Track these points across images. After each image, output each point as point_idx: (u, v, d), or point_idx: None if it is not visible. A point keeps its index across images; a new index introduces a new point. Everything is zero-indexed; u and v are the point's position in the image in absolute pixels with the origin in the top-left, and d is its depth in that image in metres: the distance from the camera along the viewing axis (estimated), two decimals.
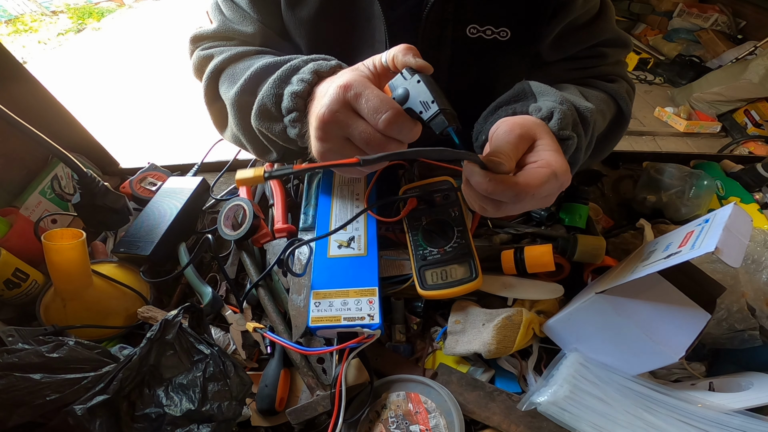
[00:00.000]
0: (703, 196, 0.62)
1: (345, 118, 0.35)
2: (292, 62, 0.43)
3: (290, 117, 0.41)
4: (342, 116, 0.34)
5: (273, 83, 0.42)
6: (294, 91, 0.40)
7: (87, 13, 4.24)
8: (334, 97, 0.34)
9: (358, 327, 0.42)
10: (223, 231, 0.54)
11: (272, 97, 0.42)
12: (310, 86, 0.40)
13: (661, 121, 2.50)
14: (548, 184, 0.35)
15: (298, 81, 0.40)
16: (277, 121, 0.43)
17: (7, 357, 0.34)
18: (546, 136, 0.38)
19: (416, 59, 0.36)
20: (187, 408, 0.35)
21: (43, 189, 0.63)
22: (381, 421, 0.41)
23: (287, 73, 0.42)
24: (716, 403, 0.38)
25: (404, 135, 0.34)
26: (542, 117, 0.42)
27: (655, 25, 3.03)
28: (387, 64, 0.38)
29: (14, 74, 0.59)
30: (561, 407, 0.39)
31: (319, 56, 0.44)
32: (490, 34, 0.55)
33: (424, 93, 0.34)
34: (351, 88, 0.34)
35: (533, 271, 0.49)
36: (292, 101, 0.40)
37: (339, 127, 0.35)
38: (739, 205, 0.38)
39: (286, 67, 0.43)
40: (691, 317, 0.37)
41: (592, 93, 0.53)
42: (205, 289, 0.50)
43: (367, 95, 0.33)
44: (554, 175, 0.35)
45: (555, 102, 0.44)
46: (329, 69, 0.41)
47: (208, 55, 0.53)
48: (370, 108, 0.33)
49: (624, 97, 0.55)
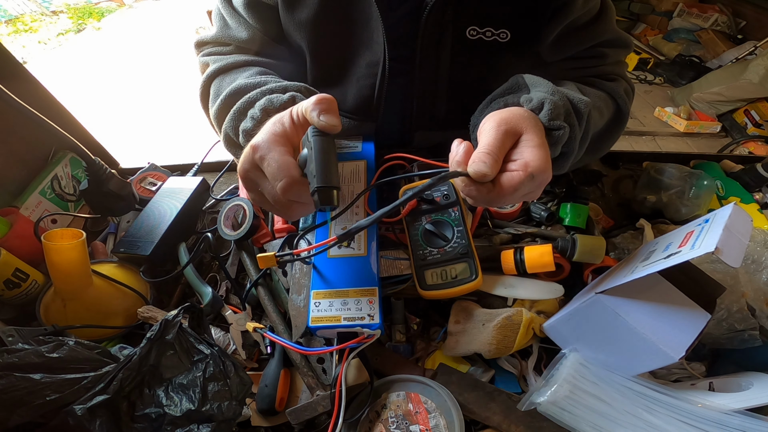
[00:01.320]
0: (703, 196, 0.62)
1: (255, 177, 0.37)
2: (251, 94, 0.46)
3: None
4: (252, 175, 0.37)
5: (233, 115, 0.46)
6: (245, 129, 0.44)
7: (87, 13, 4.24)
8: (245, 157, 0.37)
9: (358, 327, 0.42)
10: (223, 231, 0.54)
11: (231, 128, 0.47)
12: (259, 123, 0.43)
13: (661, 121, 2.50)
14: (524, 186, 0.36)
15: (250, 117, 0.44)
16: (239, 149, 0.46)
17: (7, 357, 0.34)
18: (531, 131, 0.38)
19: (320, 118, 0.35)
20: (187, 408, 0.35)
21: (43, 189, 0.63)
22: (381, 421, 0.41)
23: (244, 106, 0.46)
24: (716, 403, 0.38)
25: (304, 199, 0.35)
26: (532, 108, 0.42)
27: (655, 25, 3.03)
28: (306, 115, 0.37)
29: (14, 74, 0.59)
30: (561, 407, 0.39)
31: (280, 86, 0.46)
32: (489, 35, 0.55)
33: (312, 163, 0.33)
34: (258, 149, 0.35)
35: (533, 271, 0.49)
36: (243, 137, 0.44)
37: (252, 183, 0.38)
38: (739, 205, 0.38)
39: (244, 100, 0.46)
40: (691, 317, 0.37)
41: (590, 90, 0.53)
42: (205, 289, 0.50)
43: (268, 159, 0.35)
44: (530, 176, 0.36)
45: (546, 93, 0.44)
46: (280, 105, 0.43)
47: (205, 62, 0.57)
48: (270, 173, 0.35)
49: (622, 95, 0.55)
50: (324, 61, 0.61)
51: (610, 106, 0.55)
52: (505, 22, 0.54)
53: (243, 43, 0.56)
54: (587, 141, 0.49)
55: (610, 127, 0.56)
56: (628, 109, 0.56)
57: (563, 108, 0.43)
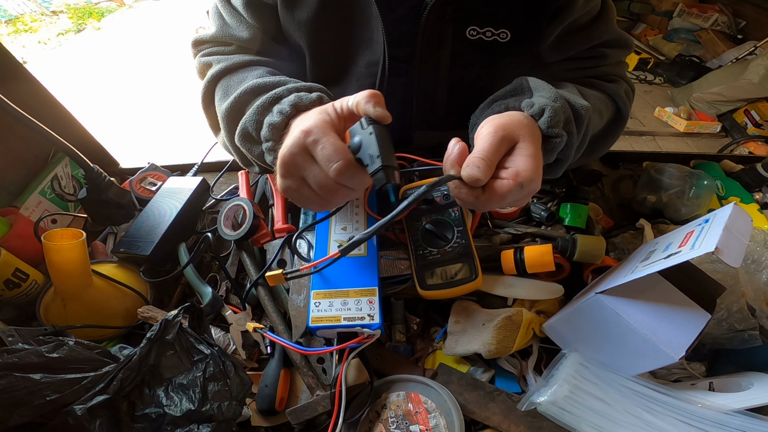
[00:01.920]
0: (703, 196, 0.62)
1: (302, 161, 0.37)
2: (277, 90, 0.44)
3: (267, 145, 0.43)
4: (300, 159, 0.37)
5: (255, 110, 0.44)
6: (271, 122, 0.42)
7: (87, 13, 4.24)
8: (295, 141, 0.36)
9: (358, 327, 0.42)
10: (223, 231, 0.54)
11: (253, 123, 0.44)
12: (287, 119, 0.42)
13: (661, 121, 2.50)
14: (512, 194, 0.37)
15: (277, 112, 0.42)
16: (256, 145, 0.46)
17: (7, 357, 0.34)
18: (527, 139, 0.39)
19: (375, 108, 0.37)
20: (187, 408, 0.35)
21: (43, 189, 0.63)
22: (381, 421, 0.41)
23: (269, 102, 0.44)
24: (716, 403, 0.38)
25: (355, 184, 0.36)
26: (533, 114, 0.43)
27: (655, 25, 3.03)
28: (353, 108, 0.39)
29: (14, 74, 0.59)
30: (561, 407, 0.39)
31: (305, 86, 0.46)
32: (490, 35, 0.55)
33: (373, 146, 0.35)
34: (311, 133, 0.36)
35: (533, 271, 0.49)
36: (269, 131, 0.42)
37: (297, 168, 0.37)
38: (739, 205, 0.38)
39: (270, 95, 0.44)
40: (691, 317, 0.37)
41: (591, 92, 0.53)
42: (205, 289, 0.50)
43: (323, 142, 0.35)
44: (519, 186, 0.37)
45: (549, 99, 0.44)
46: (309, 102, 0.43)
47: (207, 63, 0.55)
48: (324, 156, 0.35)
49: (622, 97, 0.55)
50: (323, 60, 0.61)
51: (610, 107, 0.55)
52: (506, 22, 0.54)
53: (244, 42, 0.56)
54: (584, 146, 0.49)
55: (610, 129, 0.56)
56: (628, 111, 0.56)
57: (563, 115, 0.43)
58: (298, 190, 0.39)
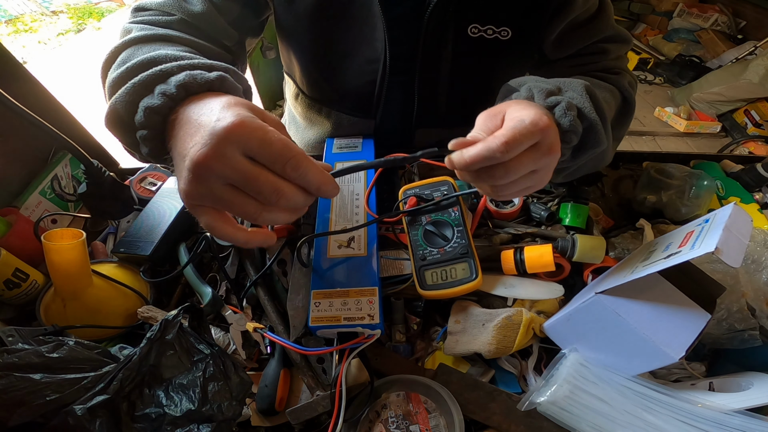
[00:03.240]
0: (703, 196, 0.62)
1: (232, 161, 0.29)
2: (163, 67, 0.35)
3: (141, 134, 0.34)
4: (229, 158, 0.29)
5: (131, 87, 0.35)
6: (150, 105, 0.33)
7: (87, 13, 4.24)
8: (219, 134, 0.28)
9: (358, 327, 0.42)
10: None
11: (125, 103, 0.35)
12: (171, 102, 0.33)
13: (661, 121, 2.50)
14: (519, 132, 0.33)
15: (159, 93, 0.33)
16: (128, 132, 0.36)
17: (7, 357, 0.34)
18: (515, 105, 0.37)
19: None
20: (187, 408, 0.35)
21: (43, 189, 0.63)
22: (381, 421, 0.41)
23: (152, 78, 0.35)
24: (716, 403, 0.38)
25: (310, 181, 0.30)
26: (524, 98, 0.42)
27: (655, 25, 3.03)
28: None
29: (14, 74, 0.59)
30: (561, 407, 0.39)
31: (203, 63, 0.37)
32: (491, 33, 0.55)
33: None
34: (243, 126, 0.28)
35: (533, 271, 0.49)
36: (144, 116, 0.33)
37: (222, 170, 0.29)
38: (739, 205, 0.38)
39: (154, 71, 0.35)
40: (691, 317, 0.37)
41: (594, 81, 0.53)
42: (205, 289, 0.50)
43: (269, 137, 0.29)
44: (521, 120, 0.33)
45: (531, 82, 0.43)
46: (203, 83, 0.34)
47: (127, 29, 0.47)
48: (275, 151, 0.29)
49: (626, 87, 0.55)
50: (322, 57, 0.61)
51: (617, 95, 0.54)
52: (507, 21, 0.54)
53: (192, 17, 0.49)
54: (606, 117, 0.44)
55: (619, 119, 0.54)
56: (634, 99, 0.55)
57: (554, 87, 0.42)
58: (222, 198, 0.29)
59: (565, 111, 0.39)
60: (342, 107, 0.66)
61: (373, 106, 0.63)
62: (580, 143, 0.42)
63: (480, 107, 0.59)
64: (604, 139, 0.43)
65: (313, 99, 0.69)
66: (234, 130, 0.28)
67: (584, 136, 0.42)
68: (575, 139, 0.40)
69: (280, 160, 0.29)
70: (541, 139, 0.35)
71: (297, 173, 0.29)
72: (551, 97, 0.40)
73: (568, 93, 0.42)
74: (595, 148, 0.44)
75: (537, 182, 0.38)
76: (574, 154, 0.44)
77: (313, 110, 0.70)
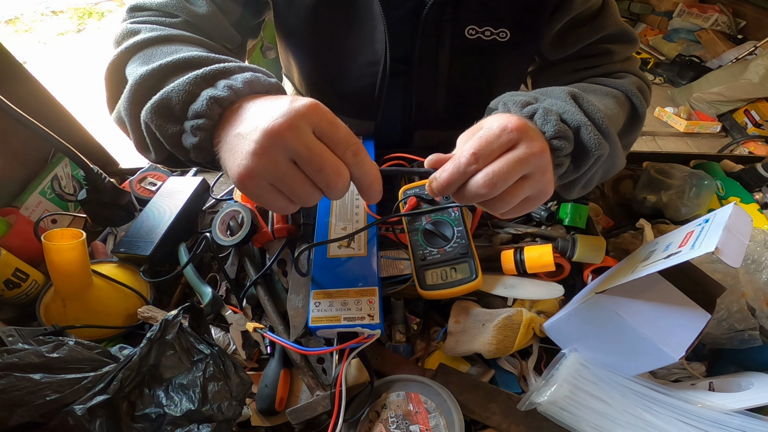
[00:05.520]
0: (703, 196, 0.62)
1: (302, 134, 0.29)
2: (227, 64, 0.36)
3: (195, 123, 0.33)
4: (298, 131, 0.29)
5: (192, 79, 0.34)
6: (214, 96, 0.33)
7: (87, 13, 4.24)
8: (294, 109, 0.29)
9: (358, 327, 0.42)
10: (218, 237, 0.54)
11: (183, 93, 0.34)
12: (236, 97, 0.33)
13: (661, 121, 2.50)
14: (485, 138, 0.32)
15: (225, 86, 0.34)
16: (174, 123, 0.35)
17: (7, 357, 0.34)
18: (490, 117, 0.37)
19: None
20: (187, 408, 0.35)
21: (43, 189, 0.63)
22: (381, 421, 0.41)
23: (215, 73, 0.35)
24: (716, 403, 0.38)
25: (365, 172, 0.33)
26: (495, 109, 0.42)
27: (655, 25, 3.03)
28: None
29: (14, 74, 0.59)
30: (561, 407, 0.39)
31: (260, 68, 0.37)
32: (489, 35, 0.55)
33: None
34: (318, 108, 0.30)
35: (533, 271, 0.49)
36: (206, 106, 0.33)
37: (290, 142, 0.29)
38: (739, 205, 0.38)
39: (216, 67, 0.35)
40: (691, 317, 0.37)
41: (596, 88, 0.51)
42: (205, 289, 0.50)
43: (337, 124, 0.31)
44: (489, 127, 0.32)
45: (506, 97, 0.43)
46: (268, 85, 0.35)
47: (133, 30, 0.45)
48: (342, 136, 0.31)
49: (634, 92, 0.51)
50: (323, 59, 0.61)
51: (625, 103, 0.50)
52: (504, 22, 0.54)
53: (196, 19, 0.48)
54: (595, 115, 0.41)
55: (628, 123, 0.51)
56: (642, 105, 0.51)
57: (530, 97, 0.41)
58: (284, 174, 0.30)
59: (545, 117, 0.37)
60: (342, 109, 0.66)
61: (373, 108, 0.63)
62: (577, 150, 0.40)
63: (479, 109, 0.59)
64: (603, 141, 0.40)
65: None
66: (311, 109, 0.29)
67: (578, 141, 0.39)
68: (567, 145, 0.38)
69: (344, 143, 0.30)
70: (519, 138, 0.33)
71: (356, 160, 0.31)
72: (527, 107, 0.39)
73: (546, 101, 0.40)
74: (597, 152, 0.39)
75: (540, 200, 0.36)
76: (576, 162, 0.41)
77: None
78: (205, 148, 0.34)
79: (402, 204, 0.54)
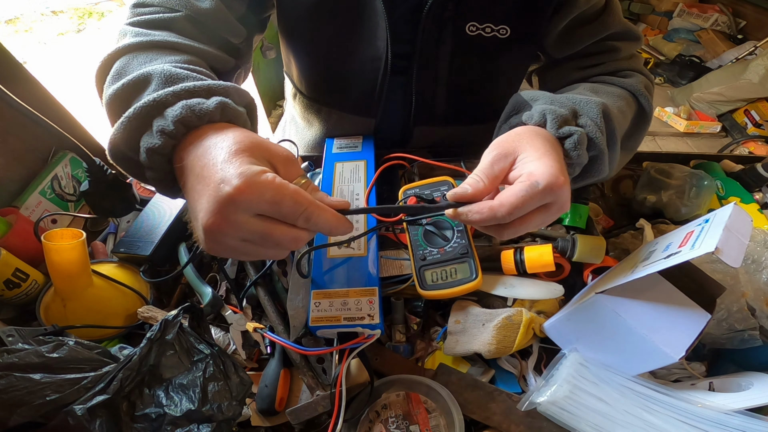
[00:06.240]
0: (703, 196, 0.62)
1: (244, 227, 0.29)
2: (158, 95, 0.33)
3: (149, 174, 0.33)
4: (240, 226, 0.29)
5: (127, 123, 0.32)
6: (150, 147, 0.31)
7: (87, 13, 4.24)
8: (221, 206, 0.28)
9: (358, 327, 0.42)
10: None
11: (125, 141, 0.33)
12: (173, 140, 0.32)
13: (661, 121, 2.49)
14: (529, 197, 0.32)
15: (158, 132, 0.31)
16: (135, 167, 0.35)
17: (7, 357, 0.34)
18: (529, 148, 0.36)
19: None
20: (187, 408, 0.35)
21: (43, 189, 0.63)
22: (381, 421, 0.41)
23: (148, 110, 0.32)
24: (716, 403, 0.38)
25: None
26: (536, 123, 0.41)
27: (655, 25, 3.03)
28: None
29: (14, 74, 0.59)
30: (561, 407, 0.39)
31: (202, 86, 0.34)
32: (489, 31, 0.55)
33: None
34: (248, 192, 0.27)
35: (533, 271, 0.49)
36: (147, 157, 0.32)
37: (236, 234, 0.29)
38: (739, 205, 0.38)
39: (148, 101, 0.32)
40: (691, 317, 0.37)
41: (606, 89, 0.51)
42: (205, 289, 0.50)
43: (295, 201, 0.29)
44: (534, 185, 0.32)
45: (546, 104, 0.42)
46: (202, 115, 0.32)
47: (123, 32, 0.44)
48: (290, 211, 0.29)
49: (642, 92, 0.52)
50: (324, 57, 0.61)
51: (632, 104, 0.51)
52: (505, 19, 0.54)
53: (199, 13, 0.47)
54: (617, 140, 0.44)
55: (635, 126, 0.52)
56: (651, 106, 0.52)
57: (569, 112, 0.41)
58: (241, 251, 0.30)
59: (576, 145, 0.38)
60: (343, 107, 0.66)
61: (373, 106, 0.63)
62: (581, 172, 0.43)
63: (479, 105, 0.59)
64: (606, 169, 0.43)
65: (312, 99, 0.69)
66: (240, 195, 0.27)
67: (587, 166, 0.42)
68: (577, 170, 0.41)
69: (292, 215, 0.29)
70: (554, 200, 0.34)
71: (309, 224, 0.29)
72: (565, 128, 0.39)
73: (582, 119, 0.41)
74: (593, 178, 0.44)
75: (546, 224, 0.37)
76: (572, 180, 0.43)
77: (312, 110, 0.70)
78: (175, 193, 0.35)
79: (402, 204, 0.54)
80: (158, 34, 0.44)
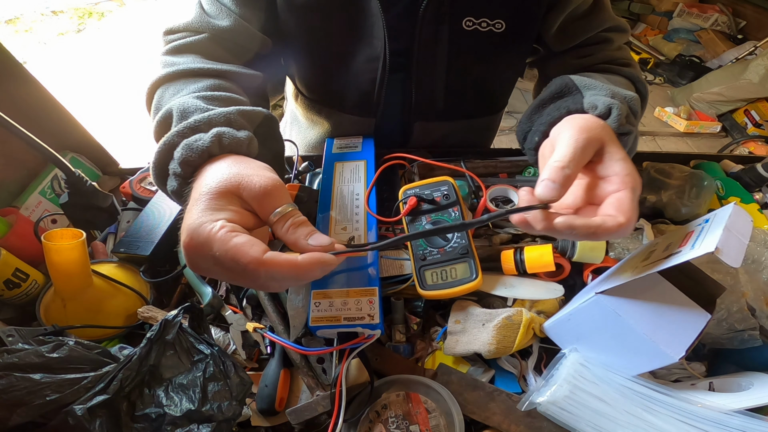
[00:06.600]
0: (703, 196, 0.62)
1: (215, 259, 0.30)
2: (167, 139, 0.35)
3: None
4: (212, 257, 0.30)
5: (152, 168, 0.37)
6: (172, 190, 0.35)
7: (87, 13, 4.24)
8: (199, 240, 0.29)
9: (358, 327, 0.42)
10: None
11: (160, 184, 0.38)
12: (185, 181, 0.34)
13: (661, 121, 2.50)
14: (635, 207, 0.31)
15: (173, 175, 0.35)
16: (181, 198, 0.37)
17: (7, 357, 0.34)
18: (612, 142, 0.35)
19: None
20: (187, 408, 0.35)
21: (43, 189, 0.63)
22: (381, 421, 0.41)
23: (164, 156, 0.36)
24: (716, 403, 0.38)
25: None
26: (599, 114, 0.40)
27: (655, 25, 3.03)
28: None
29: (14, 74, 0.59)
30: (561, 407, 0.39)
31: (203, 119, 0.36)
32: (485, 26, 0.56)
33: None
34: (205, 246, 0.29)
35: (533, 271, 0.49)
36: (176, 198, 0.36)
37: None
38: (739, 205, 0.38)
39: (163, 145, 0.35)
40: (691, 317, 0.37)
41: (619, 80, 0.53)
42: (205, 289, 0.50)
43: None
44: (633, 191, 0.32)
45: (607, 96, 0.42)
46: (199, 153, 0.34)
47: (161, 62, 0.49)
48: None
49: (641, 79, 0.55)
50: (321, 56, 0.61)
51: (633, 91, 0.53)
52: (500, 14, 0.55)
53: (221, 32, 0.50)
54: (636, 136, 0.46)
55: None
56: (647, 90, 0.55)
57: (626, 111, 0.41)
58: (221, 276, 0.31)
59: (629, 144, 0.42)
60: (343, 107, 0.66)
61: (372, 105, 0.63)
62: None
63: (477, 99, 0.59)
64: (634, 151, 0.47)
65: (312, 100, 0.69)
66: (188, 249, 0.29)
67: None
68: None
69: (236, 270, 0.28)
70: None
71: (257, 276, 0.28)
72: (626, 125, 0.40)
73: (632, 118, 0.43)
74: None
75: None
76: None
77: (313, 111, 0.71)
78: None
79: (402, 204, 0.54)
80: (183, 62, 0.47)
